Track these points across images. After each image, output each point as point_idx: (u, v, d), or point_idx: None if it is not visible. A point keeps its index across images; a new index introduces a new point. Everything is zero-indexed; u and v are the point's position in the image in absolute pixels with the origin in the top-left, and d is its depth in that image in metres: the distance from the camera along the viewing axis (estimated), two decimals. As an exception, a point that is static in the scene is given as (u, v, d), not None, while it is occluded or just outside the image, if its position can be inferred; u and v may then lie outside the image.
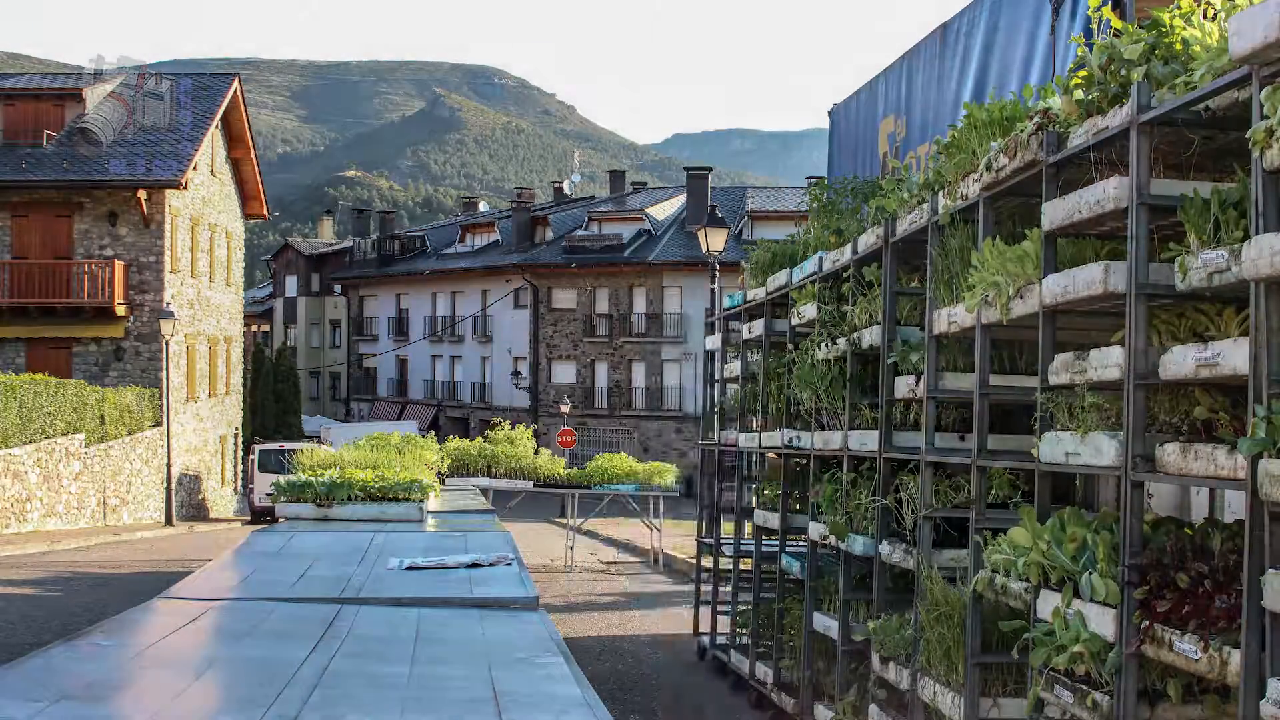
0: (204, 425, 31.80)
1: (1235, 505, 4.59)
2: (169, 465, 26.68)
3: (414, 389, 56.12)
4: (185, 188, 28.88)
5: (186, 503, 29.53)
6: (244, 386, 37.89)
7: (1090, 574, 3.84)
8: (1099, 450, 3.90)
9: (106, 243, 28.47)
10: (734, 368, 9.65)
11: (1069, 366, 4.14)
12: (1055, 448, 4.21)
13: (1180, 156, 4.00)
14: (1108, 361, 3.89)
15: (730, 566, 9.93)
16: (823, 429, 7.10)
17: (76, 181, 28.13)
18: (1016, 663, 4.70)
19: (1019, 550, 4.32)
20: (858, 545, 6.32)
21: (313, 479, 9.08)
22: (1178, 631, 3.45)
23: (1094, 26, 4.84)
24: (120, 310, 27.83)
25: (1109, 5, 5.98)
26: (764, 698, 8.34)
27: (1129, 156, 3.78)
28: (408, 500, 9.07)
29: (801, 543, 7.79)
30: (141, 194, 28.10)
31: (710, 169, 51.58)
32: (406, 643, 3.51)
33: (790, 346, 8.02)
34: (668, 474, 18.85)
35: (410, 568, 4.78)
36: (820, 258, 7.28)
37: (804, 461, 7.79)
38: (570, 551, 17.79)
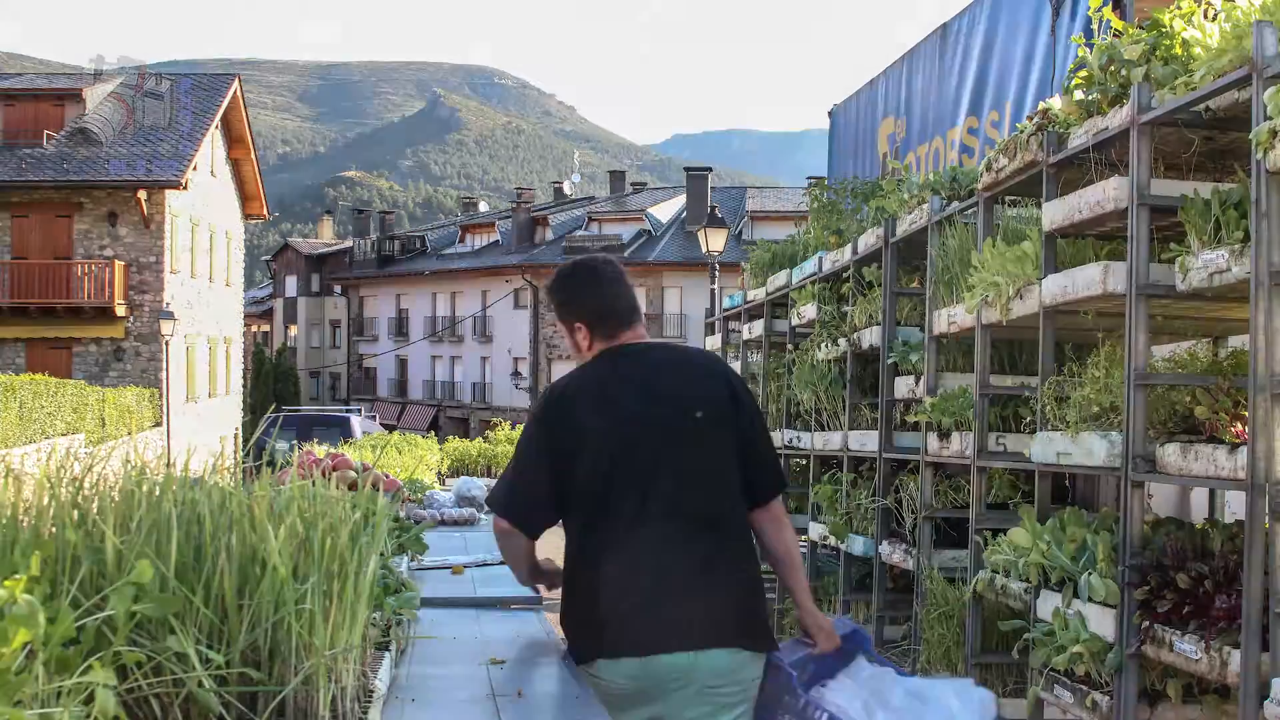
0: (204, 426, 31.81)
1: (1235, 505, 4.59)
2: (169, 466, 26.66)
3: (414, 389, 56.12)
4: (185, 188, 28.87)
5: (186, 503, 29.51)
6: (244, 387, 37.87)
7: (1090, 574, 3.84)
8: (1090, 451, 3.91)
9: (106, 243, 28.46)
10: (734, 368, 9.66)
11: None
12: (1047, 447, 4.22)
13: (1180, 157, 4.00)
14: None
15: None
16: (823, 429, 7.10)
17: (76, 181, 28.10)
18: (1016, 663, 4.70)
19: (1019, 551, 4.32)
20: (858, 545, 6.32)
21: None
22: (1178, 632, 3.45)
23: (1094, 27, 4.84)
24: (120, 310, 27.82)
25: (1109, 5, 5.98)
26: (764, 698, 8.34)
27: (1129, 157, 3.78)
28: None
29: (802, 543, 7.79)
30: (141, 194, 28.08)
31: (710, 169, 51.57)
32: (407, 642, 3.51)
33: (790, 347, 8.02)
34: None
35: (415, 569, 4.79)
36: (820, 258, 7.28)
37: (804, 461, 7.79)
38: (570, 552, 17.78)
